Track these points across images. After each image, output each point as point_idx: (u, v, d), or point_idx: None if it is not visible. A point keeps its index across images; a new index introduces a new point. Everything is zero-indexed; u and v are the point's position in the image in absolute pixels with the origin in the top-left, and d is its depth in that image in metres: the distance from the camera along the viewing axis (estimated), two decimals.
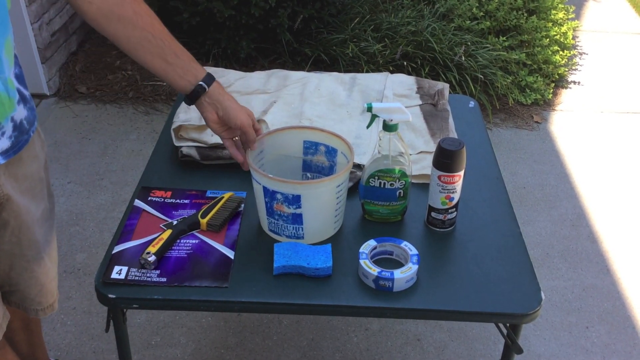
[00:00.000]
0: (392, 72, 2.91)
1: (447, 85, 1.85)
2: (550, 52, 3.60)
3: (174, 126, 1.59)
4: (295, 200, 1.24)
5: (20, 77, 1.20)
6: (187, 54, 1.27)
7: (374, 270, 1.21)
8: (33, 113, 1.25)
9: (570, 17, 4.10)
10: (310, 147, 1.41)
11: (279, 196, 1.25)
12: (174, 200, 1.42)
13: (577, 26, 4.21)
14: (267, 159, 1.38)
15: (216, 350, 1.99)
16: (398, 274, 1.20)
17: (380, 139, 1.30)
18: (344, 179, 1.29)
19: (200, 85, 1.26)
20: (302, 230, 1.29)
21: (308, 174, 1.44)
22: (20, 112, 1.19)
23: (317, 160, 1.42)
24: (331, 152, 1.39)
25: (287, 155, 1.41)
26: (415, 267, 1.22)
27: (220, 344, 2.01)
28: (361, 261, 1.23)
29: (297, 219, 1.27)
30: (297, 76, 1.85)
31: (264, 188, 1.26)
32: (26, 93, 1.22)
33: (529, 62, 3.53)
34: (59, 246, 2.36)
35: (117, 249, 1.28)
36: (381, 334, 2.06)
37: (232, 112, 1.29)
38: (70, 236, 2.41)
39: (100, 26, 1.19)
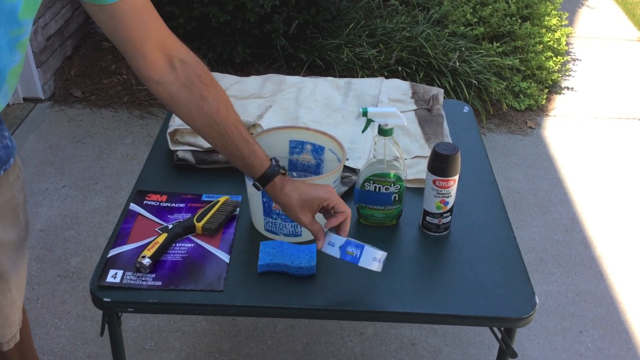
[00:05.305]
0: (386, 77, 2.91)
1: (441, 91, 1.86)
2: (543, 58, 3.62)
3: (169, 130, 1.60)
4: None
5: None
6: (249, 147, 1.17)
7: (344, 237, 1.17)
8: (8, 151, 1.20)
9: (563, 23, 4.13)
10: (296, 146, 1.42)
11: None
12: (169, 204, 1.42)
13: (571, 32, 4.24)
14: None
15: (210, 354, 1.99)
16: (368, 247, 1.17)
17: (375, 144, 1.31)
18: (339, 175, 1.33)
19: (255, 184, 1.21)
20: (300, 227, 1.30)
21: (294, 173, 1.45)
22: None
23: (303, 159, 1.43)
24: (318, 150, 1.41)
25: (274, 156, 1.42)
26: (385, 254, 1.18)
27: (215, 349, 2.00)
28: (328, 231, 1.19)
29: None
30: (293, 81, 1.86)
31: None
32: None
33: (523, 68, 3.55)
34: (54, 250, 2.35)
35: (113, 252, 1.28)
36: (376, 339, 2.06)
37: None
38: (65, 240, 2.41)
39: (168, 106, 1.17)
